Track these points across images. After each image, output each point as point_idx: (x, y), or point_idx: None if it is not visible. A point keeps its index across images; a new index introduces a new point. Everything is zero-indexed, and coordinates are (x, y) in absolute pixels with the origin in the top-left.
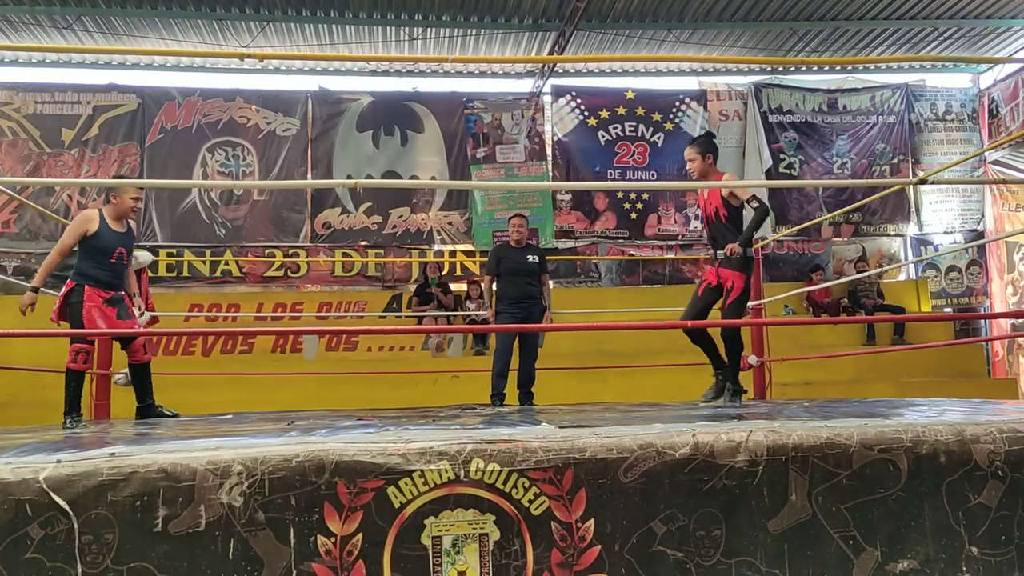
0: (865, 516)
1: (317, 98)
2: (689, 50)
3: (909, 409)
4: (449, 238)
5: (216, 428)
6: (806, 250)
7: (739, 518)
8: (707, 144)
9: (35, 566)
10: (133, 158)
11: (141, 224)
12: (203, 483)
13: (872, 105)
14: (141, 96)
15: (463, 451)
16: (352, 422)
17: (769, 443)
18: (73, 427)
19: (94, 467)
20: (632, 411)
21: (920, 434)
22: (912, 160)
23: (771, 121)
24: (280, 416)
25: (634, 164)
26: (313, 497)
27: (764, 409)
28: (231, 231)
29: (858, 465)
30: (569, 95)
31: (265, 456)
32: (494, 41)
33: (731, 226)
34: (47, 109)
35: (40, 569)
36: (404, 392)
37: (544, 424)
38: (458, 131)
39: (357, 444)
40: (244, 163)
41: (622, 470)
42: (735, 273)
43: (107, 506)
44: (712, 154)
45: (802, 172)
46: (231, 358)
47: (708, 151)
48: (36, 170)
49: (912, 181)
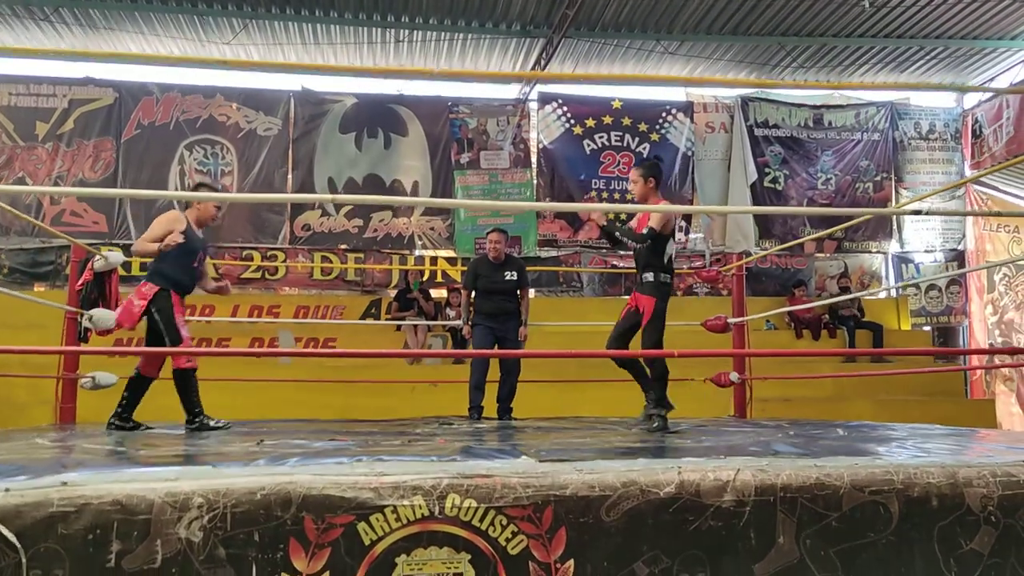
0: (854, 561)
1: (300, 98)
2: (677, 61)
3: (895, 443)
4: (431, 243)
5: (180, 447)
6: (788, 265)
7: (725, 561)
8: (651, 169)
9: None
10: (108, 153)
11: (115, 221)
12: (160, 516)
13: (857, 122)
14: (118, 90)
15: (438, 486)
16: (324, 443)
17: (757, 483)
18: (218, 424)
19: (44, 497)
20: (608, 430)
21: (912, 476)
22: (895, 178)
23: (757, 135)
24: (251, 429)
25: (619, 174)
26: (278, 533)
27: (710, 436)
28: (208, 231)
29: (848, 507)
30: (555, 102)
31: (228, 488)
32: (481, 46)
33: (654, 253)
34: (21, 101)
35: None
36: (381, 400)
37: (524, 457)
38: (442, 135)
39: (327, 476)
40: (223, 162)
41: (604, 508)
42: (646, 298)
43: (58, 539)
44: (655, 179)
45: (787, 187)
46: (204, 361)
47: (651, 175)
48: (9, 164)
49: (906, 211)
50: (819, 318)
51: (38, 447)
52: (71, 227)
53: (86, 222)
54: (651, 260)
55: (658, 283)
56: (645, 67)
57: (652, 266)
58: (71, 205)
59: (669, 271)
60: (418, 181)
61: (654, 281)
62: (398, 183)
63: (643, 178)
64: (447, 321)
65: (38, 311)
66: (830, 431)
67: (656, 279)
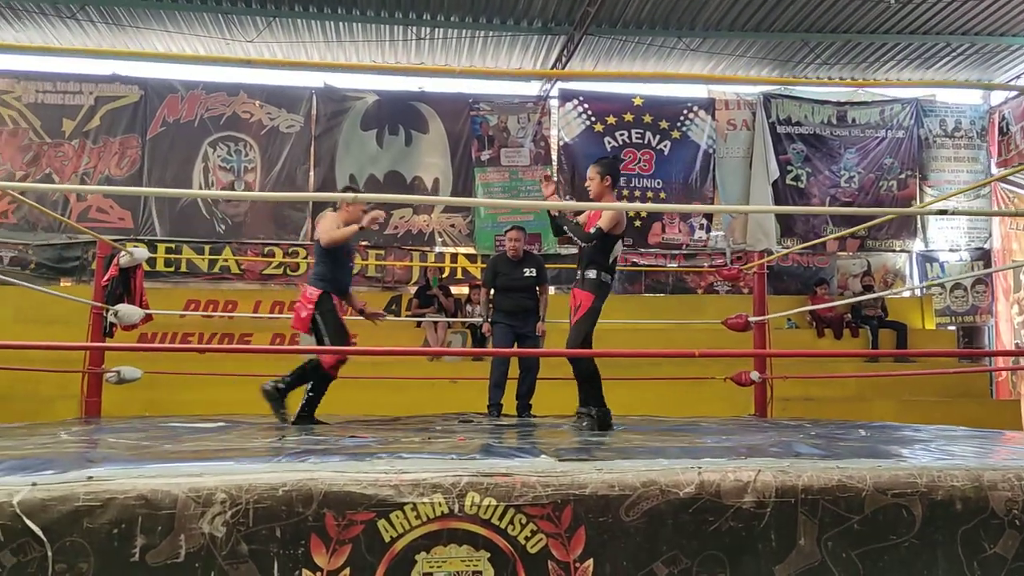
0: (876, 564)
1: (322, 95)
2: (699, 58)
3: (918, 444)
4: (451, 240)
5: (204, 443)
6: (810, 263)
7: (745, 562)
8: (608, 167)
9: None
10: (134, 150)
11: (140, 218)
12: (184, 511)
13: (881, 119)
14: (144, 88)
15: (458, 484)
16: (345, 441)
17: (778, 484)
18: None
19: (70, 491)
20: (627, 429)
21: (936, 479)
22: (920, 176)
23: (779, 132)
24: (272, 425)
25: (640, 171)
26: (299, 529)
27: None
28: (231, 227)
29: (870, 510)
30: (576, 99)
31: (251, 484)
32: (502, 43)
33: (600, 251)
34: (48, 99)
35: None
36: (401, 396)
37: (544, 456)
38: (463, 132)
39: (347, 474)
40: (246, 159)
41: (624, 508)
42: (584, 293)
43: (83, 533)
44: (611, 177)
45: (809, 184)
46: (227, 357)
47: (608, 173)
48: (36, 160)
49: (931, 212)
50: (841, 317)
51: (64, 441)
52: (97, 223)
53: (112, 218)
54: (595, 258)
55: (599, 281)
56: (667, 64)
57: (596, 264)
58: (97, 201)
59: (611, 271)
60: (439, 178)
61: (596, 279)
62: (419, 180)
63: (599, 175)
64: (467, 318)
65: (64, 306)
66: (852, 432)
67: (598, 277)
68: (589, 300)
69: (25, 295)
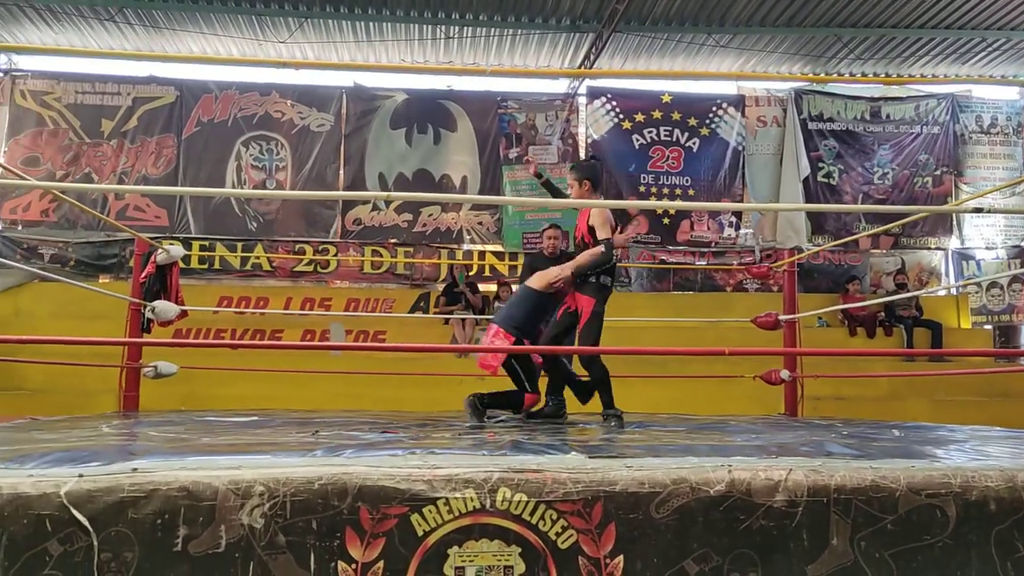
0: (910, 564)
1: (352, 94)
2: (729, 55)
3: (953, 445)
4: (479, 238)
5: (240, 437)
6: (842, 261)
7: (776, 561)
8: (587, 171)
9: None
10: (170, 150)
11: (175, 216)
12: (224, 503)
13: (916, 115)
14: (179, 89)
15: (490, 479)
16: (377, 435)
17: (810, 483)
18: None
19: (116, 483)
20: (657, 427)
21: (970, 479)
22: (955, 173)
23: (811, 128)
24: (305, 420)
25: (668, 169)
26: (335, 522)
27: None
28: (263, 225)
29: (904, 510)
30: (604, 97)
31: (288, 477)
32: (531, 41)
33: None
34: (87, 99)
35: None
36: (429, 393)
37: (574, 453)
38: (491, 131)
39: (382, 468)
40: (278, 158)
41: (654, 505)
42: (585, 298)
43: (127, 524)
44: (591, 181)
45: (841, 181)
46: (259, 352)
47: (586, 178)
48: (76, 160)
49: (967, 210)
50: (874, 316)
51: (106, 434)
52: (135, 221)
53: (149, 216)
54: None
55: (599, 285)
56: (696, 61)
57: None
58: (135, 200)
59: (611, 273)
60: (467, 176)
61: (596, 283)
62: (447, 178)
63: (578, 182)
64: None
65: (103, 302)
66: (885, 432)
67: (597, 281)
68: (590, 305)
69: (65, 291)
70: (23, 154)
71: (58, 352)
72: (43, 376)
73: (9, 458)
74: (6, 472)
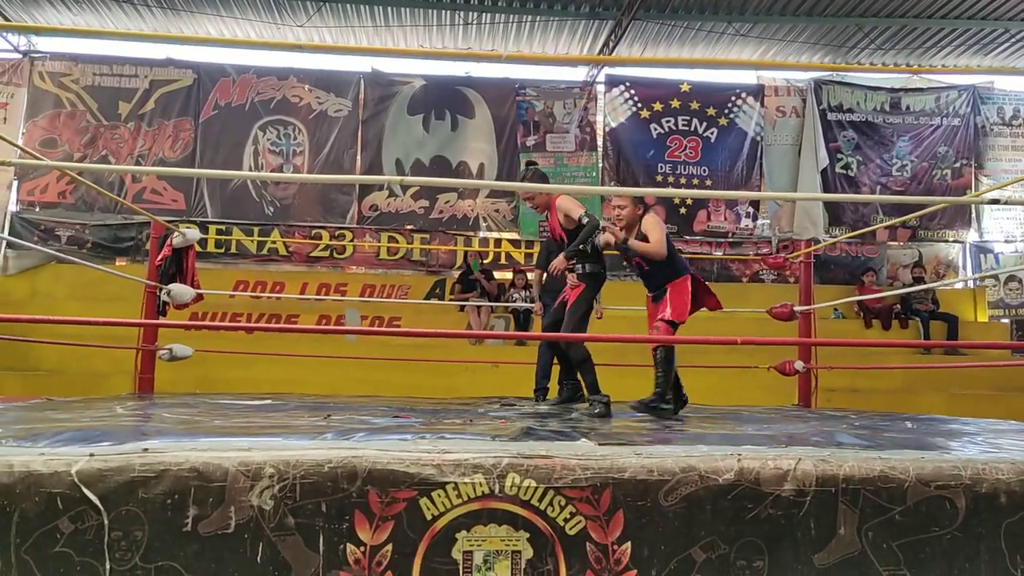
0: (917, 555)
1: (369, 80)
2: (749, 43)
3: (964, 437)
4: (495, 225)
5: (252, 419)
6: (859, 253)
7: (783, 550)
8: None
9: (64, 560)
10: (187, 133)
11: (192, 200)
12: (234, 484)
13: (937, 106)
14: (197, 72)
15: (499, 465)
16: (388, 420)
17: (818, 473)
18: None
19: (127, 463)
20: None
21: (980, 472)
22: (975, 165)
23: (830, 119)
24: (318, 404)
25: (685, 159)
26: (344, 504)
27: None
28: (279, 210)
29: (913, 501)
30: (623, 85)
31: (298, 460)
32: (549, 28)
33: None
34: (105, 82)
35: (68, 564)
36: (442, 380)
37: (583, 440)
38: (509, 118)
39: (391, 452)
40: (295, 142)
41: (662, 493)
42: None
43: (138, 503)
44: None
45: (859, 173)
46: (273, 337)
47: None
48: (93, 142)
49: (983, 200)
50: (890, 308)
51: (119, 415)
52: (151, 204)
53: (165, 200)
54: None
55: (588, 273)
56: (716, 50)
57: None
58: (152, 183)
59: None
60: (484, 163)
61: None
62: (464, 165)
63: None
64: (510, 303)
65: (119, 284)
66: (897, 424)
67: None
68: (580, 290)
69: (81, 273)
70: (41, 136)
71: (74, 333)
72: (58, 357)
73: (22, 436)
74: (19, 450)
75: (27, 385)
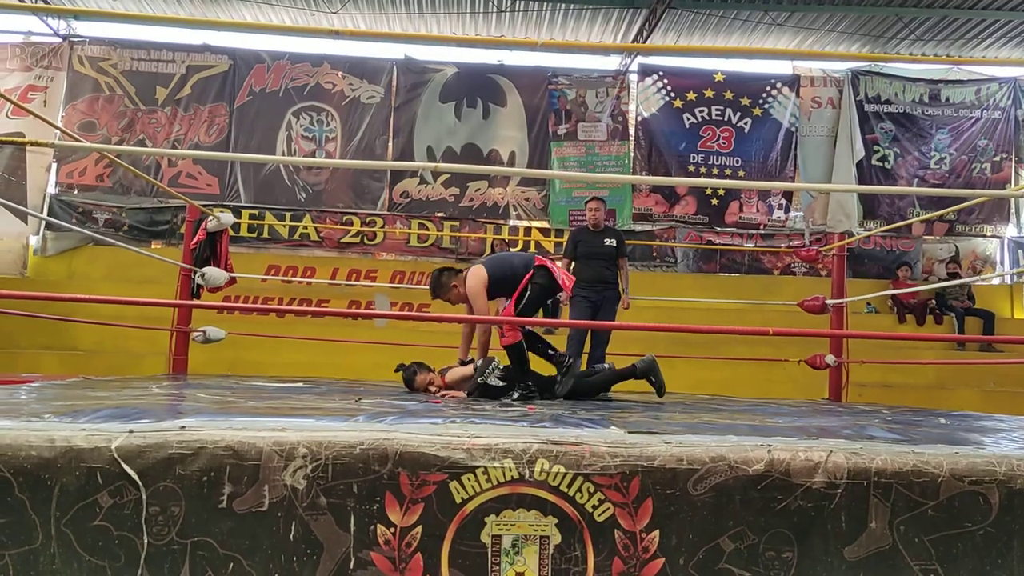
0: (950, 550)
1: (402, 67)
2: (785, 33)
3: (999, 434)
4: (525, 214)
5: (285, 401)
6: (894, 247)
7: (813, 542)
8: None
9: (103, 533)
10: (222, 119)
11: (226, 184)
12: (268, 463)
13: (977, 99)
14: (232, 58)
15: (528, 450)
16: (418, 404)
17: (850, 466)
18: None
19: (164, 439)
20: (698, 406)
21: (1015, 467)
22: (1016, 159)
23: (867, 111)
24: (349, 387)
25: (718, 149)
26: (375, 486)
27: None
28: (311, 195)
29: (945, 496)
30: (656, 75)
31: (330, 441)
32: (583, 17)
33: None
34: (143, 67)
35: (107, 537)
36: None
37: (613, 428)
38: (540, 106)
39: (422, 436)
40: (328, 129)
41: (692, 482)
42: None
43: (175, 479)
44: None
45: (896, 165)
46: (304, 321)
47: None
48: (130, 126)
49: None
50: (924, 303)
51: (155, 394)
52: (186, 188)
53: (200, 184)
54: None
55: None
56: (751, 39)
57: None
58: (187, 168)
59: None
60: (515, 152)
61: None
62: (495, 153)
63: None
64: None
65: (155, 267)
66: (930, 419)
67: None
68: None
69: (118, 255)
70: (80, 119)
71: (111, 314)
72: (95, 337)
73: (63, 412)
74: (60, 426)
75: (65, 364)
